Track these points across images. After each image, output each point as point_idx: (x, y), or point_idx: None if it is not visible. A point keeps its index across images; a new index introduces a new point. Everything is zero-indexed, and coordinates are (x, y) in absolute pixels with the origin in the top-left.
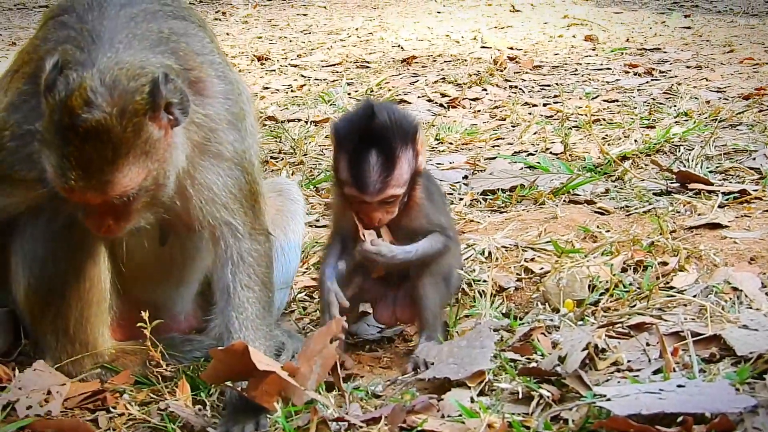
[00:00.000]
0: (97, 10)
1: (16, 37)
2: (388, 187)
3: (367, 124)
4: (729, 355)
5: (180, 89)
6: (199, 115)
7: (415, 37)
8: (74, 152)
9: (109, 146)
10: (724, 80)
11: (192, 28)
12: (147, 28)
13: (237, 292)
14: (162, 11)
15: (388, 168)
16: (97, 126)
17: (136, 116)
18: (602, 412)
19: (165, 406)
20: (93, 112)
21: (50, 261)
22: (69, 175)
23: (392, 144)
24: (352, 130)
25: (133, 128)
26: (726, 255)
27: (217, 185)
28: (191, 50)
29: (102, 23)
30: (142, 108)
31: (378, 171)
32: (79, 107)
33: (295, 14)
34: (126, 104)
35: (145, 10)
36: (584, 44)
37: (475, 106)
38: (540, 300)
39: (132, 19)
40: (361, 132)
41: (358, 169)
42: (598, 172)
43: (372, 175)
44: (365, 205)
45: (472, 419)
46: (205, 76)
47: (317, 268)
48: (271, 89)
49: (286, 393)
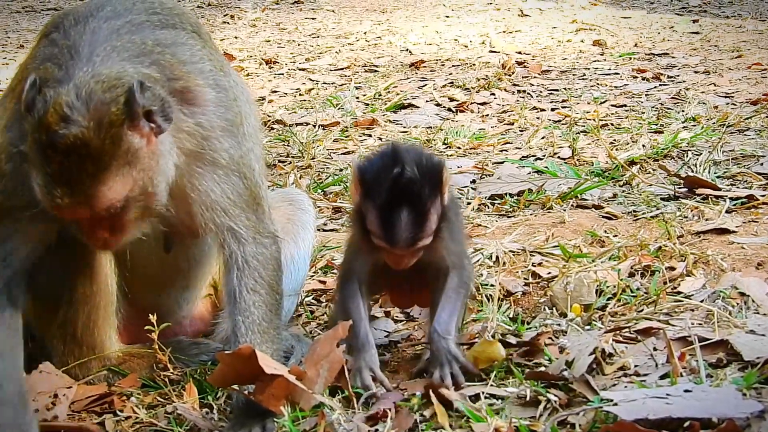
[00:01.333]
0: (81, 26)
1: (24, 39)
2: (418, 241)
3: (396, 179)
4: (736, 360)
5: (159, 96)
6: (189, 124)
7: (423, 41)
8: (56, 169)
9: (89, 160)
10: (732, 85)
11: (181, 37)
12: (129, 39)
13: (243, 296)
14: (149, 21)
15: (419, 223)
16: (75, 141)
17: (113, 127)
18: (609, 417)
19: (172, 409)
20: (70, 128)
21: (58, 265)
22: (55, 193)
23: (423, 199)
24: (380, 182)
25: (111, 140)
26: (733, 260)
27: (215, 192)
28: (177, 60)
29: (82, 38)
30: (119, 118)
31: (409, 227)
32: (56, 123)
33: (303, 18)
34: (102, 116)
35: (130, 22)
36: (592, 49)
37: (483, 111)
38: (547, 304)
39: (115, 32)
40: (390, 186)
41: (389, 224)
42: (605, 177)
43: (403, 231)
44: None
45: (479, 423)
46: (193, 85)
47: (325, 272)
48: (279, 93)
49: (294, 397)
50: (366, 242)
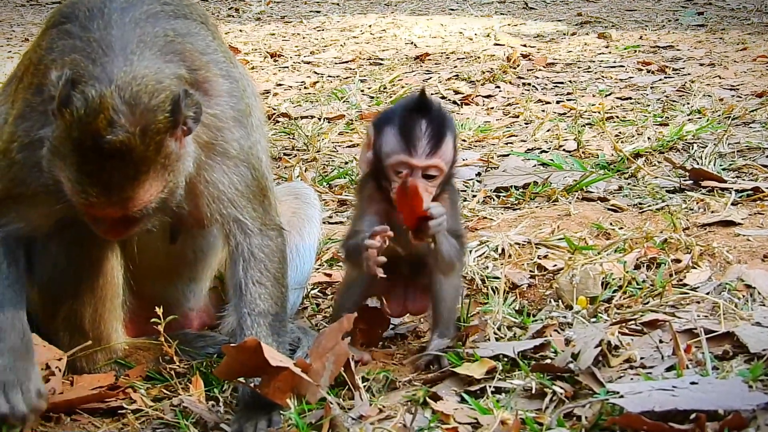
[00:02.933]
0: (99, 18)
1: (28, 33)
2: (435, 154)
3: (419, 99)
4: (742, 352)
5: (196, 102)
6: (206, 115)
7: (428, 34)
8: (96, 170)
9: (131, 165)
10: (738, 78)
11: (194, 27)
12: (152, 32)
13: (249, 289)
14: (163, 11)
15: (439, 136)
16: (121, 146)
17: (158, 135)
18: (615, 409)
19: (178, 402)
20: (117, 133)
21: (64, 257)
22: (90, 192)
23: (442, 118)
24: (400, 108)
25: (155, 146)
26: (739, 252)
27: (223, 182)
28: (196, 50)
29: (110, 32)
30: (165, 127)
31: (429, 136)
32: (104, 129)
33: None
34: (148, 123)
35: (146, 12)
36: (597, 42)
37: (488, 104)
38: (553, 297)
39: (137, 25)
40: (412, 106)
41: (409, 134)
42: (611, 170)
43: (423, 139)
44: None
45: (485, 416)
46: (211, 75)
47: (330, 265)
48: (284, 86)
49: (299, 390)
50: (376, 194)
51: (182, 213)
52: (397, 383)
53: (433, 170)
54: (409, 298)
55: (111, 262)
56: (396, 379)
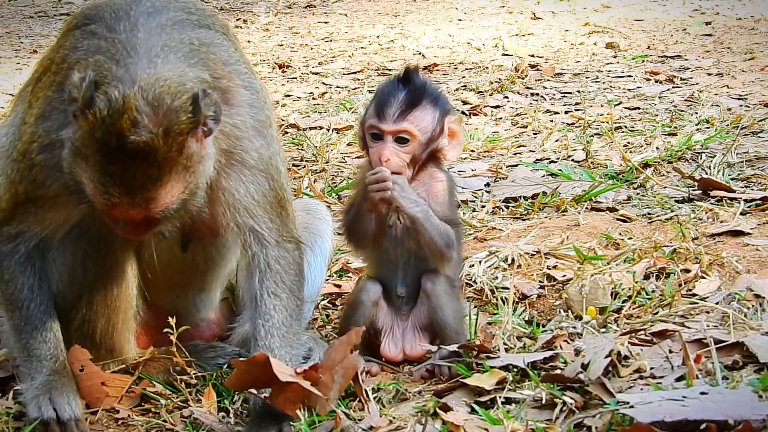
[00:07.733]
0: (125, 20)
1: (36, 44)
2: (405, 119)
3: (404, 72)
4: (752, 362)
5: (216, 102)
6: (227, 124)
7: (436, 44)
8: (119, 171)
9: (154, 165)
10: (746, 87)
11: (217, 38)
12: (178, 38)
13: (264, 300)
14: (188, 20)
15: (411, 103)
16: (144, 147)
17: (180, 135)
18: (625, 419)
19: (189, 413)
20: (140, 133)
21: (79, 268)
22: (112, 192)
23: (423, 88)
24: (390, 79)
25: (177, 147)
26: (748, 262)
27: (239, 191)
28: (219, 60)
29: (135, 35)
30: (187, 127)
31: (400, 103)
32: (127, 129)
33: (316, 22)
34: (171, 124)
35: (172, 19)
36: (605, 52)
37: (496, 114)
38: (563, 307)
39: (163, 30)
40: (397, 78)
41: (381, 100)
42: (620, 180)
43: (394, 105)
44: (380, 142)
45: (495, 426)
46: (233, 85)
47: (340, 275)
48: (292, 97)
49: (310, 401)
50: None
51: (196, 220)
52: (407, 394)
53: (404, 134)
54: (407, 341)
55: (126, 272)
56: (406, 390)
